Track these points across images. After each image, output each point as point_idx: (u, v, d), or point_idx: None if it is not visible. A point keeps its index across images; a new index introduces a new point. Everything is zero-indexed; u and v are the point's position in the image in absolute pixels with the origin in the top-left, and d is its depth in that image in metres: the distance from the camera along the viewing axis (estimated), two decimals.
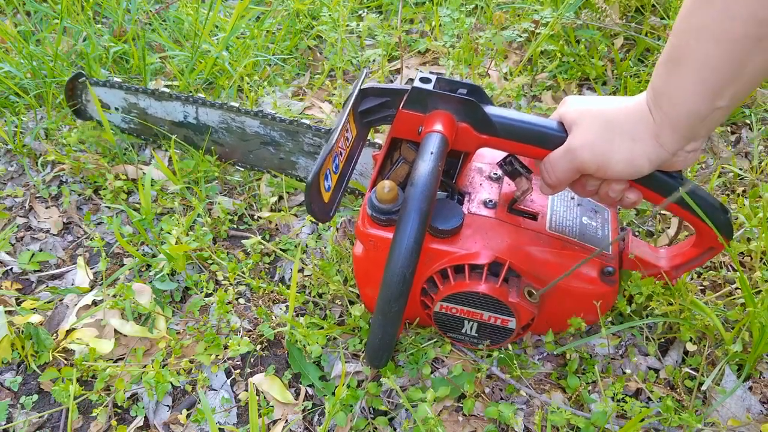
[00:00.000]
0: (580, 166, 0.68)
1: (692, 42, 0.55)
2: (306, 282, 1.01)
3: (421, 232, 0.63)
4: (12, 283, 1.05)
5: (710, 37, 0.54)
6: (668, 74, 0.59)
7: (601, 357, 0.89)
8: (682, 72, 0.57)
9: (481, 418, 0.83)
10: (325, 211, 0.74)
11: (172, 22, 1.55)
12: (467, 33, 1.38)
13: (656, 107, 0.62)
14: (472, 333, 0.83)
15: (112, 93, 1.21)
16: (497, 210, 0.80)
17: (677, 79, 0.58)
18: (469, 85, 0.75)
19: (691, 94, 0.58)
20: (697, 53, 0.55)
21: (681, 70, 0.57)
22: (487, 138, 0.74)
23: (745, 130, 1.32)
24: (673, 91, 0.59)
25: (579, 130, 0.67)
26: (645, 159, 0.64)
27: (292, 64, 1.51)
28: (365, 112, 0.81)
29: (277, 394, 0.87)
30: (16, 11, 1.66)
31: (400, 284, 0.64)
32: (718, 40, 0.53)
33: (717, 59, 0.54)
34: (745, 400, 0.82)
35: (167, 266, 1.01)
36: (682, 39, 0.57)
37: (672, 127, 0.61)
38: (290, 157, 1.14)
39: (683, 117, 0.60)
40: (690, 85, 0.57)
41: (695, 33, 0.55)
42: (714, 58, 0.55)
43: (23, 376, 0.91)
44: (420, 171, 0.66)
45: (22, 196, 1.21)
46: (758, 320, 0.79)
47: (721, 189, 1.16)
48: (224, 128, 1.15)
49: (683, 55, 0.57)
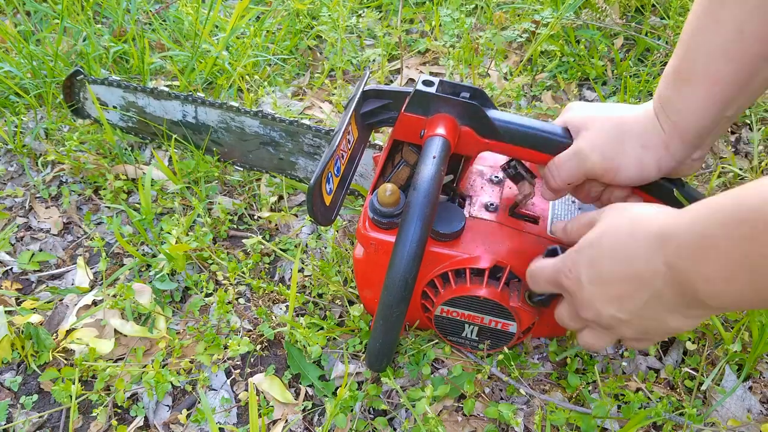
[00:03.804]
0: (588, 169, 0.68)
1: (701, 59, 0.56)
2: (306, 282, 1.01)
3: (423, 237, 0.63)
4: (12, 283, 1.05)
5: (721, 56, 0.55)
6: (677, 88, 0.60)
7: (601, 357, 0.89)
8: (692, 87, 0.58)
9: (481, 418, 0.83)
10: (327, 215, 0.74)
11: (172, 22, 1.55)
12: (467, 33, 1.38)
13: (665, 118, 0.62)
14: (472, 337, 0.83)
15: (111, 91, 1.21)
16: (498, 214, 0.80)
17: (686, 94, 0.59)
18: (471, 88, 0.75)
19: (701, 108, 0.59)
20: (708, 70, 0.56)
21: (690, 85, 0.58)
22: (490, 142, 0.74)
23: (745, 130, 1.33)
24: (683, 104, 0.60)
25: (588, 134, 0.67)
26: (654, 166, 0.65)
27: (292, 64, 1.51)
28: (367, 114, 0.81)
29: (277, 394, 0.87)
30: (16, 11, 1.65)
31: (402, 289, 0.64)
32: (729, 59, 0.54)
33: (727, 75, 0.55)
34: (745, 400, 0.82)
35: (167, 266, 1.01)
36: (690, 56, 0.58)
37: (681, 137, 0.62)
38: (290, 158, 1.14)
39: (692, 128, 0.60)
40: (700, 100, 0.58)
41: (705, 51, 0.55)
42: (724, 75, 0.56)
43: (23, 376, 0.91)
44: (422, 175, 0.66)
45: (22, 196, 1.21)
46: (758, 320, 0.79)
47: (721, 189, 1.16)
48: (223, 128, 1.15)
49: (692, 71, 0.58)
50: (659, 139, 0.63)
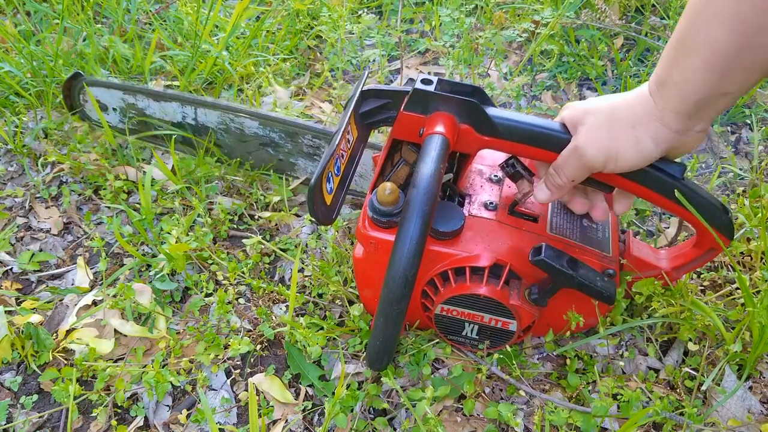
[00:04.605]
0: (588, 163, 0.68)
1: (702, 28, 0.56)
2: (306, 282, 1.01)
3: (423, 234, 0.63)
4: (12, 283, 1.05)
5: (721, 24, 0.55)
6: (675, 60, 0.60)
7: (601, 357, 0.89)
8: (690, 57, 0.58)
9: (481, 418, 0.83)
10: (328, 214, 0.74)
11: (172, 22, 1.55)
12: (467, 33, 1.38)
13: (659, 93, 0.62)
14: (472, 335, 0.83)
15: (110, 93, 1.21)
16: (498, 212, 0.80)
17: (684, 64, 0.59)
18: (470, 86, 0.75)
19: (699, 79, 0.59)
20: (707, 39, 0.56)
21: (689, 55, 0.58)
22: (489, 140, 0.74)
23: (745, 130, 1.33)
24: (680, 75, 0.60)
25: (583, 129, 0.68)
26: (649, 141, 0.65)
27: (292, 64, 1.51)
28: (366, 113, 0.81)
29: (277, 394, 0.87)
30: (16, 11, 1.65)
31: (402, 287, 0.64)
32: (728, 29, 0.54)
33: (726, 44, 0.55)
34: (745, 400, 0.82)
35: (167, 266, 1.01)
36: (691, 27, 0.58)
37: (675, 109, 0.62)
38: (289, 158, 1.14)
39: (690, 99, 0.60)
40: (698, 70, 0.58)
41: (706, 20, 0.56)
42: (723, 45, 0.56)
43: (23, 376, 0.91)
44: (422, 173, 0.66)
45: (22, 196, 1.21)
46: (758, 320, 0.79)
47: (721, 189, 1.16)
48: (223, 129, 1.15)
49: (692, 41, 0.58)
50: (651, 114, 0.63)
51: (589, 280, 0.73)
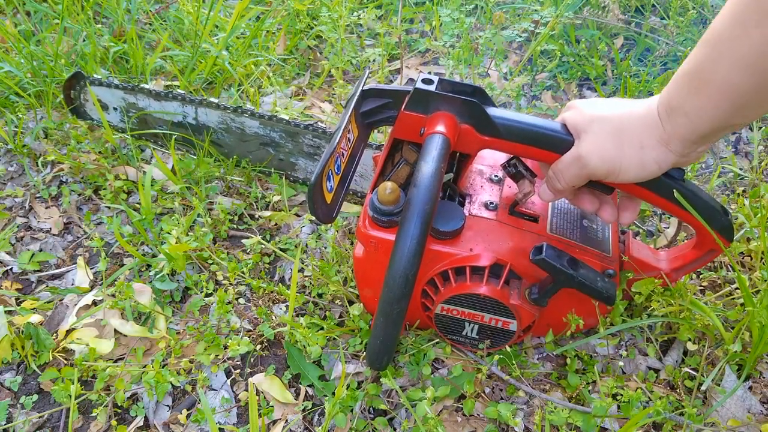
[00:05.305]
0: (590, 172, 0.68)
1: (723, 69, 0.55)
2: (306, 282, 1.01)
3: (423, 233, 0.63)
4: (12, 283, 1.05)
5: (745, 69, 0.54)
6: (688, 90, 0.59)
7: (601, 357, 0.89)
8: (707, 94, 0.58)
9: (481, 418, 0.83)
10: (328, 212, 0.74)
11: (172, 22, 1.55)
12: (467, 33, 1.38)
13: (669, 119, 0.62)
14: (472, 335, 0.83)
15: (111, 93, 1.21)
16: (498, 212, 0.80)
17: (698, 98, 0.59)
18: (471, 86, 0.75)
19: (711, 116, 0.59)
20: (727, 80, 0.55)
21: (705, 91, 0.58)
22: (490, 139, 0.74)
23: (745, 130, 1.33)
24: (692, 108, 0.59)
25: (588, 137, 0.67)
26: (654, 164, 0.65)
27: (292, 64, 1.51)
28: (367, 113, 0.81)
29: (277, 394, 0.87)
30: (16, 11, 1.65)
31: (402, 286, 0.64)
32: (752, 73, 0.54)
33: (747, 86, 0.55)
34: (745, 400, 0.82)
35: (167, 266, 1.01)
36: (710, 62, 0.57)
37: (683, 138, 0.62)
38: (290, 158, 1.14)
39: (698, 131, 0.60)
40: (711, 108, 0.58)
41: (729, 62, 0.55)
42: (744, 87, 0.55)
43: (23, 376, 0.91)
44: (422, 173, 0.66)
45: (22, 196, 1.21)
46: (758, 320, 0.79)
47: (721, 189, 1.16)
48: (223, 129, 1.15)
49: (709, 76, 0.57)
50: (659, 138, 0.63)
51: (590, 280, 0.73)
